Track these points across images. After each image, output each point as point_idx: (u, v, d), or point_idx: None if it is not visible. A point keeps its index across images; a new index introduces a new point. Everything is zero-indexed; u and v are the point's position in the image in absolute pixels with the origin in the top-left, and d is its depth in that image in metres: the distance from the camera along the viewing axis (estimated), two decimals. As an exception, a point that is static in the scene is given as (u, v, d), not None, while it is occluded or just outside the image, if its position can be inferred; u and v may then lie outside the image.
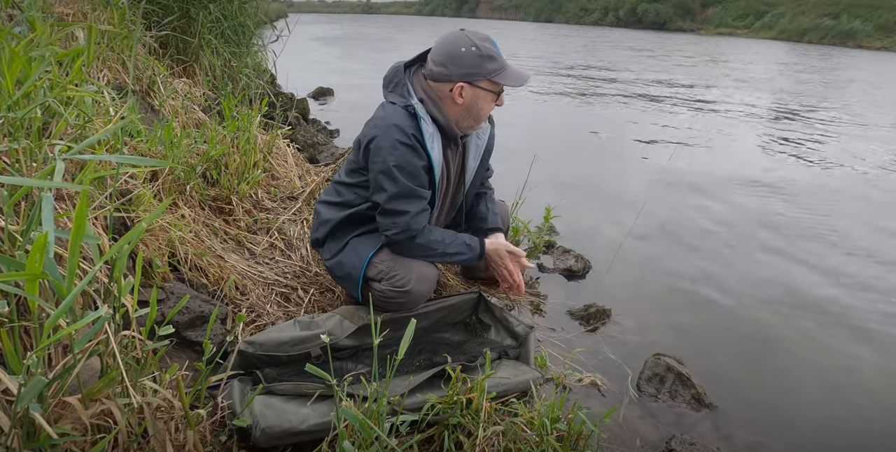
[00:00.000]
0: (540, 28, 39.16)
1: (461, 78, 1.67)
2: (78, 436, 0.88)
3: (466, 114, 1.74)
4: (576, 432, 1.35)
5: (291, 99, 4.77)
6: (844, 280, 2.74)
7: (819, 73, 14.77)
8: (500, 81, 1.68)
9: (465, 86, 1.68)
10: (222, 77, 3.47)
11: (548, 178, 3.69)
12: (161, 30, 3.02)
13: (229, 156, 2.36)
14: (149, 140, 1.93)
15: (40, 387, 0.72)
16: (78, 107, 1.43)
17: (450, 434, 1.33)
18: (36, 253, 0.68)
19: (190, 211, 2.03)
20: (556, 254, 2.72)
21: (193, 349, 1.54)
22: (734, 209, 3.71)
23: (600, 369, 1.86)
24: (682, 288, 2.58)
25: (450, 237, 1.81)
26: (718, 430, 1.64)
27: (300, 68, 8.45)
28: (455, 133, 1.77)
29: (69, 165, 1.40)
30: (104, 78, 2.23)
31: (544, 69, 11.86)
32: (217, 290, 1.78)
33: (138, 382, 1.02)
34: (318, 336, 1.59)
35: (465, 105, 1.71)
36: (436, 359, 1.62)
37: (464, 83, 1.68)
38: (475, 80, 1.67)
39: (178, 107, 2.63)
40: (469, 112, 1.73)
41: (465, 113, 1.74)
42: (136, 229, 0.89)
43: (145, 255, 1.60)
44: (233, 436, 1.27)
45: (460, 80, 1.67)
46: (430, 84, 1.72)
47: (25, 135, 1.15)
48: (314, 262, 2.19)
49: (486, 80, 1.68)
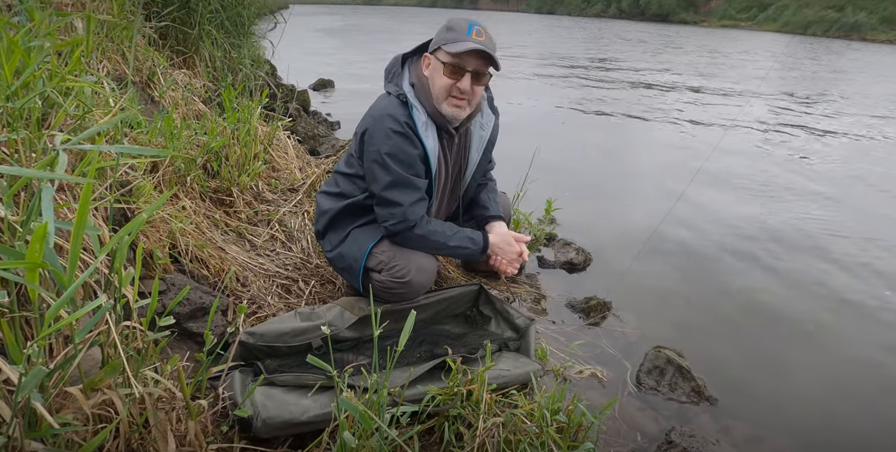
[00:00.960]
0: (542, 19, 38.87)
1: (430, 50, 1.74)
2: (79, 426, 0.88)
3: (431, 89, 1.73)
4: (576, 423, 1.35)
5: (292, 90, 4.75)
6: (850, 273, 2.74)
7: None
8: (445, 49, 1.66)
9: (428, 57, 1.74)
10: (222, 68, 3.45)
11: (550, 171, 3.67)
12: (161, 20, 3.00)
13: (230, 148, 2.35)
14: (149, 131, 1.92)
15: (41, 377, 0.73)
16: (77, 97, 1.42)
17: (450, 426, 1.34)
18: (36, 243, 0.68)
19: (191, 202, 2.02)
20: (557, 247, 2.71)
21: (195, 340, 1.55)
22: (739, 205, 3.70)
23: (600, 361, 1.86)
24: (683, 281, 2.58)
25: (451, 230, 1.80)
26: (718, 422, 1.65)
27: (301, 60, 8.41)
28: (442, 120, 1.75)
29: (70, 156, 1.39)
30: (104, 69, 2.21)
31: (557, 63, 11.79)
32: (218, 282, 1.78)
33: (140, 372, 1.02)
34: (318, 327, 1.60)
35: (430, 78, 1.74)
36: (436, 351, 1.62)
37: (429, 54, 1.74)
38: (434, 50, 1.73)
39: (179, 98, 2.62)
40: (432, 85, 1.72)
41: (430, 87, 1.73)
42: (137, 220, 0.88)
43: (146, 247, 1.60)
44: (234, 427, 1.28)
45: (428, 52, 1.75)
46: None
47: (25, 125, 1.14)
48: (315, 254, 2.19)
49: (440, 50, 1.69)
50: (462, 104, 1.72)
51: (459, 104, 1.72)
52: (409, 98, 1.71)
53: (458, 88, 1.68)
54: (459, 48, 1.62)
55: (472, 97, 1.72)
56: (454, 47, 1.63)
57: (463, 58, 1.65)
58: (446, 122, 1.77)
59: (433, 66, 1.72)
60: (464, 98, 1.70)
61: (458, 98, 1.71)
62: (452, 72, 1.67)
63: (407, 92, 1.72)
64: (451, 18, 1.71)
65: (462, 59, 1.65)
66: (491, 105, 1.93)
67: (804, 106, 7.85)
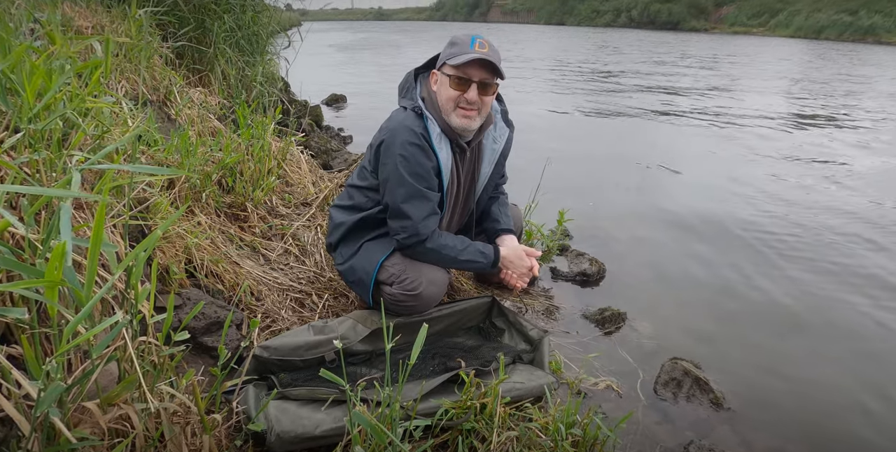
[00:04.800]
0: (552, 31, 39.05)
1: (436, 67, 1.79)
2: (96, 440, 0.89)
3: (439, 102, 1.75)
4: (591, 437, 1.34)
5: (305, 106, 4.83)
6: (869, 282, 2.68)
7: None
8: (450, 62, 1.69)
9: (436, 73, 1.79)
10: (237, 86, 3.52)
11: (562, 181, 3.67)
12: (177, 40, 3.08)
13: (244, 164, 2.39)
14: (165, 149, 1.97)
15: (59, 392, 0.74)
16: (96, 118, 1.46)
17: (464, 439, 1.32)
18: (55, 261, 0.70)
19: (206, 218, 2.06)
20: (571, 258, 2.70)
21: (210, 354, 1.56)
22: (756, 214, 3.66)
23: (616, 373, 1.84)
24: (699, 291, 2.55)
25: (462, 244, 1.81)
26: (738, 435, 1.61)
27: (314, 76, 8.55)
28: (453, 134, 1.77)
29: (89, 175, 1.43)
30: (122, 89, 2.28)
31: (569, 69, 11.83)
32: (233, 296, 1.80)
33: (155, 387, 1.03)
34: (331, 340, 1.60)
35: (438, 92, 1.77)
36: (449, 364, 1.61)
37: (436, 71, 1.79)
38: (440, 66, 1.76)
39: (194, 115, 2.68)
40: (440, 99, 1.75)
41: (438, 101, 1.76)
42: (152, 237, 0.90)
43: (162, 262, 1.63)
44: (248, 441, 1.28)
45: (435, 69, 1.79)
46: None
47: (46, 146, 1.18)
48: (328, 267, 2.21)
49: (446, 65, 1.72)
50: (471, 115, 1.74)
51: (468, 115, 1.73)
52: (423, 110, 1.74)
53: (466, 99, 1.70)
54: (463, 59, 1.65)
55: (481, 107, 1.74)
56: (458, 59, 1.66)
57: (468, 69, 1.68)
58: (457, 136, 1.78)
59: (440, 80, 1.75)
60: (472, 109, 1.72)
61: (466, 109, 1.72)
62: (458, 83, 1.69)
63: (420, 104, 1.76)
64: (455, 34, 1.75)
65: (467, 70, 1.68)
66: (505, 118, 1.94)
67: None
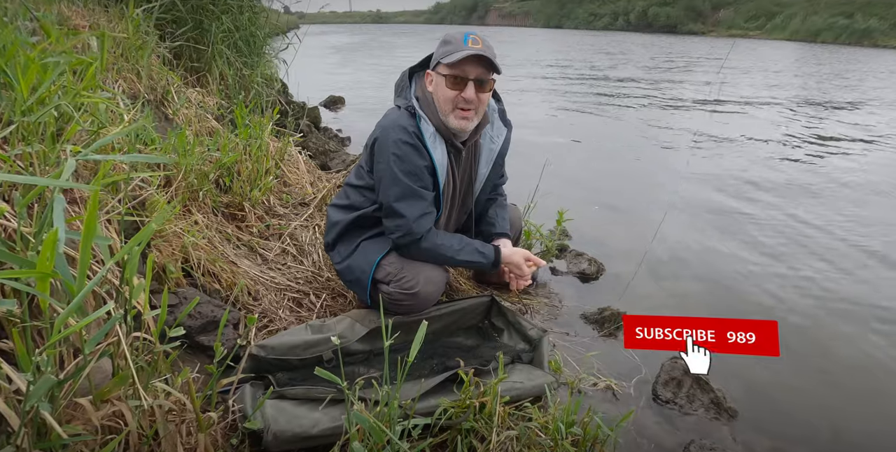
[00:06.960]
0: (551, 34, 39.21)
1: (430, 67, 1.76)
2: (88, 436, 0.88)
3: (436, 103, 1.74)
4: (591, 437, 1.32)
5: (303, 107, 4.81)
6: (867, 275, 2.68)
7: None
8: (444, 61, 1.67)
9: (430, 74, 1.76)
10: (234, 86, 3.51)
11: (562, 181, 3.66)
12: (175, 40, 3.07)
13: (242, 164, 2.38)
14: (162, 148, 1.95)
15: (49, 385, 0.72)
16: (91, 113, 1.45)
17: (463, 439, 1.31)
18: (47, 251, 0.68)
19: (203, 217, 2.04)
20: (569, 258, 2.69)
21: (206, 354, 1.54)
22: (756, 210, 3.65)
23: (616, 373, 1.83)
24: (698, 290, 2.53)
25: (459, 243, 1.80)
26: (739, 436, 1.60)
27: (312, 78, 8.54)
28: (448, 134, 1.76)
29: (84, 170, 1.41)
30: (119, 87, 2.26)
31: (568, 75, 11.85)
32: (230, 296, 1.79)
33: (150, 384, 1.02)
34: (329, 339, 1.59)
35: (434, 93, 1.74)
36: (448, 363, 1.60)
37: (430, 71, 1.76)
38: (435, 66, 1.73)
39: (192, 115, 2.67)
40: (437, 100, 1.73)
41: (435, 102, 1.74)
42: (146, 230, 0.89)
43: (159, 261, 1.61)
44: (244, 440, 1.27)
45: (429, 69, 1.76)
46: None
47: (40, 139, 1.17)
48: (326, 267, 2.19)
49: (440, 64, 1.70)
50: (469, 115, 1.72)
51: (466, 115, 1.72)
52: (417, 109, 1.73)
53: (464, 99, 1.68)
54: (458, 56, 1.62)
55: (478, 106, 1.72)
56: (453, 57, 1.63)
57: (463, 67, 1.65)
58: (452, 136, 1.77)
59: (435, 81, 1.73)
60: (470, 108, 1.71)
61: (464, 109, 1.71)
62: (455, 83, 1.67)
63: (414, 103, 1.74)
64: (448, 33, 1.73)
65: (463, 68, 1.66)
66: (503, 118, 1.93)
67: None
